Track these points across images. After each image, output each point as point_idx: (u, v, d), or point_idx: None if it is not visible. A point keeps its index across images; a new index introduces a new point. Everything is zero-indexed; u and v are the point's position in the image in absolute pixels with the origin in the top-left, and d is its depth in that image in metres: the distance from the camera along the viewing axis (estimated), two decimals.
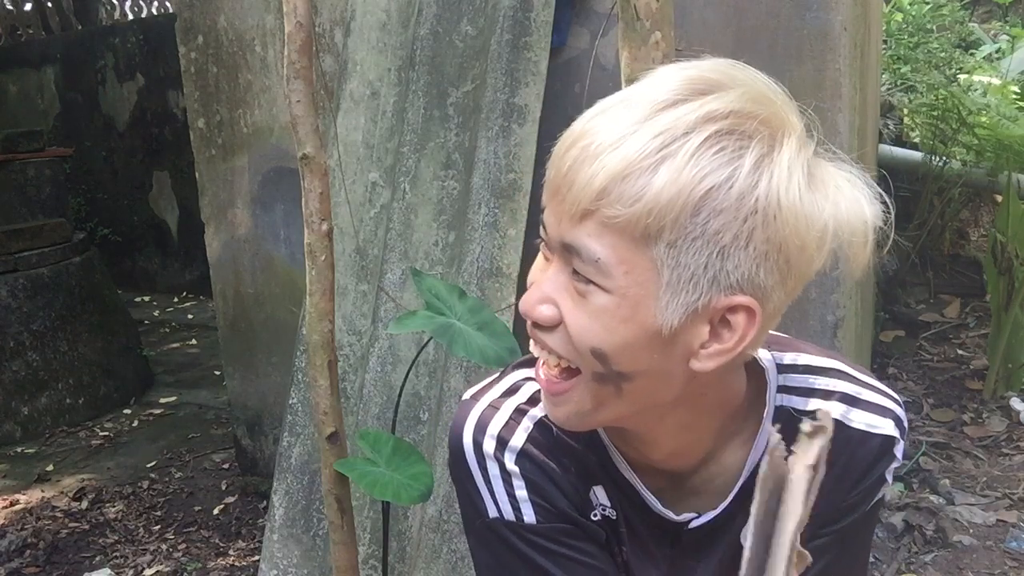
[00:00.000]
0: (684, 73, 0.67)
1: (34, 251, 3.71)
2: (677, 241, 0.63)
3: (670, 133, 0.63)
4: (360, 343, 2.07)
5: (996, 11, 5.24)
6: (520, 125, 1.92)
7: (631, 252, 0.65)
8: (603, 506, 0.83)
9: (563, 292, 0.69)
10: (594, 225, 0.65)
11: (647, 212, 0.62)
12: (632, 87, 0.69)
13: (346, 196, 2.05)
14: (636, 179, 0.63)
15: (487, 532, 0.82)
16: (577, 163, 0.65)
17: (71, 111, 6.08)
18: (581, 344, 0.68)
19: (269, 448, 2.72)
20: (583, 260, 0.66)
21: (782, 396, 0.80)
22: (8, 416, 3.49)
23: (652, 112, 0.64)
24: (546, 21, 1.92)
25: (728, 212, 0.63)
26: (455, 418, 0.85)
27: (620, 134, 0.64)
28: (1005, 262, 2.87)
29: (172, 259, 5.92)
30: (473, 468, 0.82)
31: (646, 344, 0.67)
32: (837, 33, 1.78)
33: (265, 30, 2.47)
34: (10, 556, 2.59)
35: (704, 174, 0.62)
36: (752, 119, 0.64)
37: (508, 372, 0.86)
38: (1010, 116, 3.34)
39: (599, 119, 0.66)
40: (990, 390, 2.99)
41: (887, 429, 0.80)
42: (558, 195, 0.67)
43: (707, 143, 0.63)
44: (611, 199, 0.63)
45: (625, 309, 0.66)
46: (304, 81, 1.33)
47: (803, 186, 0.65)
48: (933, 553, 2.24)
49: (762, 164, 0.64)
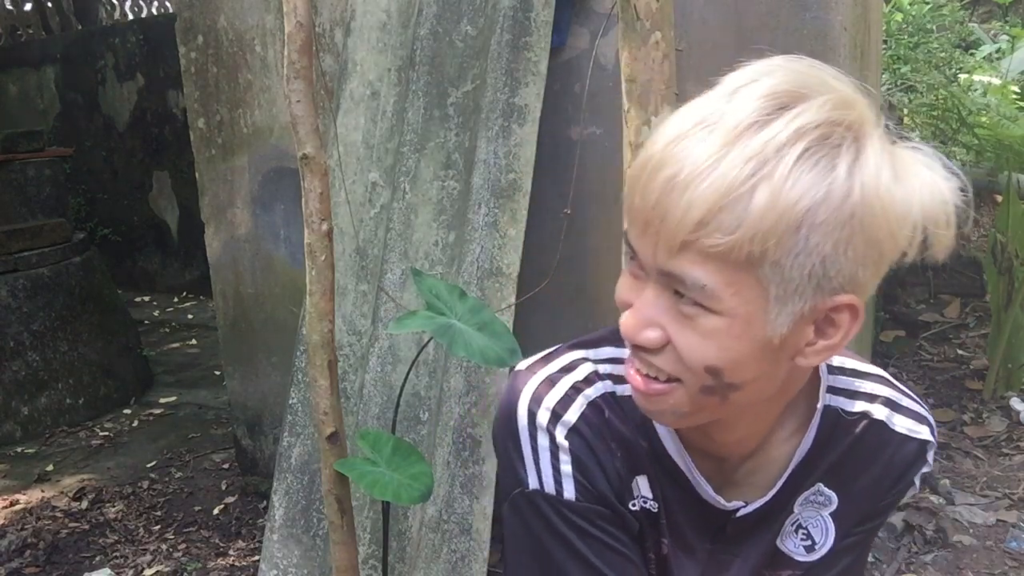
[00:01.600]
0: (760, 88, 0.66)
1: (34, 251, 3.71)
2: (781, 259, 0.64)
3: (762, 156, 0.63)
4: (360, 343, 2.07)
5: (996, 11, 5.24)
6: (520, 125, 1.92)
7: (736, 275, 0.65)
8: (644, 498, 0.84)
9: (667, 315, 0.69)
10: (695, 254, 0.64)
11: (749, 238, 0.62)
12: (703, 104, 0.67)
13: (346, 196, 2.05)
14: (734, 207, 0.62)
15: (523, 502, 0.82)
16: (666, 194, 0.64)
17: (71, 111, 6.08)
18: (694, 363, 0.69)
19: (269, 448, 2.72)
20: (688, 287, 0.66)
21: (830, 396, 0.83)
22: (8, 416, 3.49)
23: (738, 134, 0.63)
24: (546, 21, 1.92)
25: (827, 223, 0.63)
26: (509, 387, 0.85)
27: (709, 160, 0.63)
28: (1005, 262, 2.87)
29: (172, 259, 5.92)
30: (523, 437, 0.82)
31: (759, 355, 0.69)
32: (837, 33, 1.78)
33: (265, 30, 2.47)
34: (10, 556, 2.59)
35: (802, 192, 0.62)
36: (837, 126, 0.65)
37: (564, 351, 0.86)
38: (1010, 116, 3.34)
39: (681, 145, 0.65)
40: (990, 390, 2.99)
41: (924, 434, 0.85)
42: (650, 227, 0.66)
43: (800, 161, 0.63)
44: (710, 229, 0.63)
45: (737, 327, 0.67)
46: (304, 81, 1.33)
47: (891, 182, 0.65)
48: (933, 553, 2.24)
49: (853, 170, 0.64)
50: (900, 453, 0.84)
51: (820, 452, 0.82)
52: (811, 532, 0.85)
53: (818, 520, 0.85)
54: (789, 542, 0.86)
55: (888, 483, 0.85)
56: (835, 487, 0.84)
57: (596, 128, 2.01)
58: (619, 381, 0.84)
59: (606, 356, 0.86)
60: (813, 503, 0.85)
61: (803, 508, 0.85)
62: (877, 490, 0.85)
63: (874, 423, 0.83)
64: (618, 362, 0.85)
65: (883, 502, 0.86)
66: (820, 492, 0.84)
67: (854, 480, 0.84)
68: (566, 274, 2.05)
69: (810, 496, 0.84)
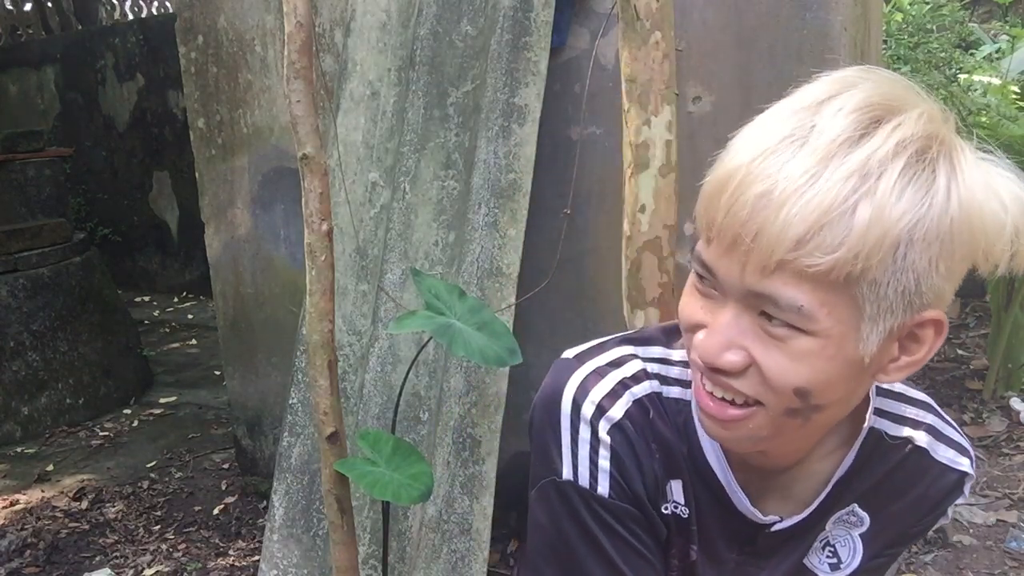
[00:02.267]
0: (851, 100, 0.64)
1: (34, 251, 3.71)
2: (878, 277, 0.62)
3: (864, 171, 0.61)
4: (360, 343, 2.07)
5: (996, 11, 5.24)
6: (520, 125, 1.92)
7: (832, 295, 0.63)
8: (676, 503, 0.83)
9: (750, 336, 0.67)
10: (790, 275, 0.62)
11: (852, 257, 0.60)
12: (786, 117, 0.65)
13: (346, 196, 2.05)
14: (835, 225, 0.60)
15: (554, 492, 0.81)
16: (760, 211, 0.62)
17: (71, 111, 6.08)
18: (782, 386, 0.67)
19: (269, 448, 2.72)
20: (781, 308, 0.64)
21: (876, 418, 0.82)
22: (8, 416, 3.49)
23: (835, 149, 0.61)
24: (546, 21, 1.92)
25: (926, 240, 0.62)
26: (554, 373, 0.83)
27: (806, 176, 0.61)
28: None
29: (172, 259, 5.92)
30: (564, 426, 0.80)
31: (848, 375, 0.67)
32: (837, 33, 1.78)
33: (265, 30, 2.47)
34: (10, 556, 2.59)
35: (905, 209, 0.61)
36: (933, 140, 0.63)
37: (612, 345, 0.85)
38: (1010, 116, 3.34)
39: (770, 160, 0.63)
40: (990, 390, 2.99)
41: (965, 466, 0.84)
42: (739, 244, 0.63)
43: (902, 177, 0.61)
44: (810, 248, 0.61)
45: (831, 348, 0.65)
46: (304, 81, 1.33)
47: (986, 196, 0.64)
48: (933, 553, 2.24)
49: (951, 185, 0.63)
50: (939, 482, 0.83)
51: (859, 473, 0.81)
52: (838, 550, 0.85)
53: (847, 539, 0.84)
54: (815, 557, 0.85)
55: (923, 511, 0.84)
56: (869, 509, 0.83)
57: (596, 128, 2.01)
58: (666, 382, 0.82)
59: (656, 355, 0.84)
60: (845, 522, 0.84)
61: (834, 526, 0.84)
62: (911, 516, 0.84)
63: (916, 449, 0.82)
64: (667, 363, 0.83)
65: (914, 528, 0.86)
66: (854, 512, 0.83)
67: (889, 504, 0.83)
68: (566, 274, 2.05)
69: (843, 515, 0.83)
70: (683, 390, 0.83)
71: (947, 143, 0.64)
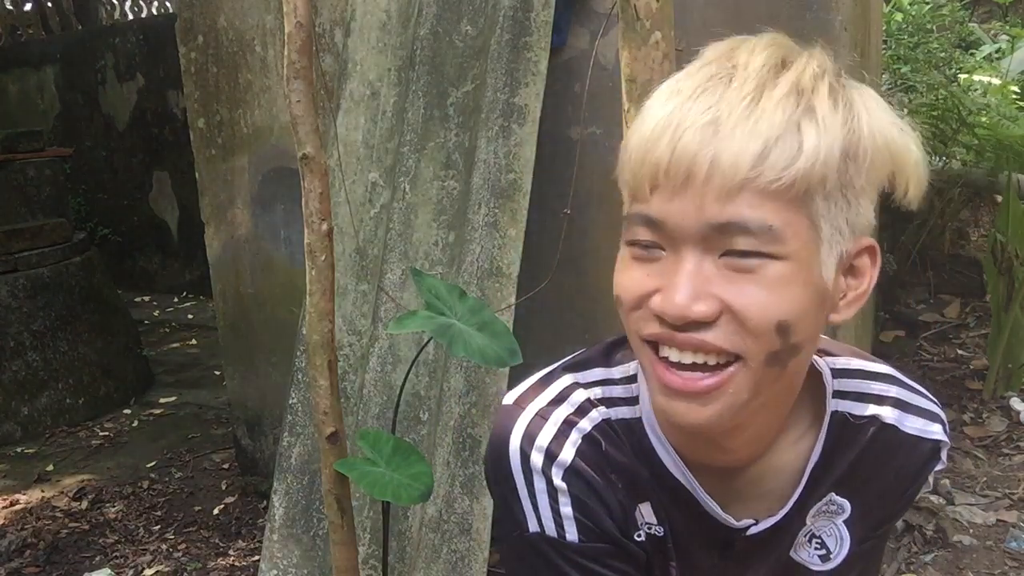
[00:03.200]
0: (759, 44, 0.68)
1: (34, 251, 3.71)
2: (830, 193, 0.64)
3: (798, 91, 0.64)
4: (360, 343, 2.07)
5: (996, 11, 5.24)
6: (520, 125, 1.92)
7: (793, 214, 0.63)
8: (649, 524, 0.81)
9: (717, 281, 0.64)
10: (752, 195, 0.62)
11: (809, 168, 0.62)
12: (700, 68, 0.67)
13: (346, 196, 2.05)
14: (787, 140, 0.62)
15: (525, 546, 0.79)
16: (709, 138, 0.62)
17: (71, 111, 6.08)
18: (764, 323, 0.64)
19: (269, 448, 2.72)
20: (751, 233, 0.63)
21: (837, 401, 0.79)
22: (8, 416, 3.49)
23: (765, 75, 0.65)
24: (546, 21, 1.92)
25: (859, 158, 0.65)
26: (498, 424, 0.81)
27: (747, 101, 0.63)
28: (1005, 262, 2.87)
29: (172, 259, 5.92)
30: (518, 480, 0.78)
31: (816, 306, 0.67)
32: (837, 33, 1.78)
33: (265, 30, 2.47)
34: (10, 556, 2.59)
35: (840, 124, 0.64)
36: (838, 72, 0.68)
37: (554, 377, 0.82)
38: (1010, 116, 3.34)
39: (704, 97, 0.64)
40: (990, 390, 2.99)
41: (936, 433, 0.82)
42: (691, 181, 0.62)
43: (831, 94, 0.65)
44: (770, 163, 0.62)
45: (803, 273, 0.65)
46: (304, 81, 1.33)
47: (890, 121, 0.68)
48: (933, 553, 2.24)
49: (866, 109, 0.67)
50: (913, 456, 0.81)
51: (829, 461, 0.79)
52: (825, 541, 0.82)
53: (832, 529, 0.82)
54: (803, 552, 0.83)
55: (902, 487, 0.82)
56: (847, 495, 0.81)
57: (596, 128, 2.01)
58: (612, 404, 0.80)
59: (596, 378, 0.81)
60: (826, 513, 0.82)
61: (816, 519, 0.82)
62: (891, 494, 0.82)
63: (884, 427, 0.80)
64: (609, 383, 0.81)
65: (898, 505, 0.84)
66: (832, 502, 0.81)
67: (867, 486, 0.81)
68: (566, 274, 2.05)
69: (822, 507, 0.81)
70: (631, 408, 0.80)
71: (849, 79, 0.69)
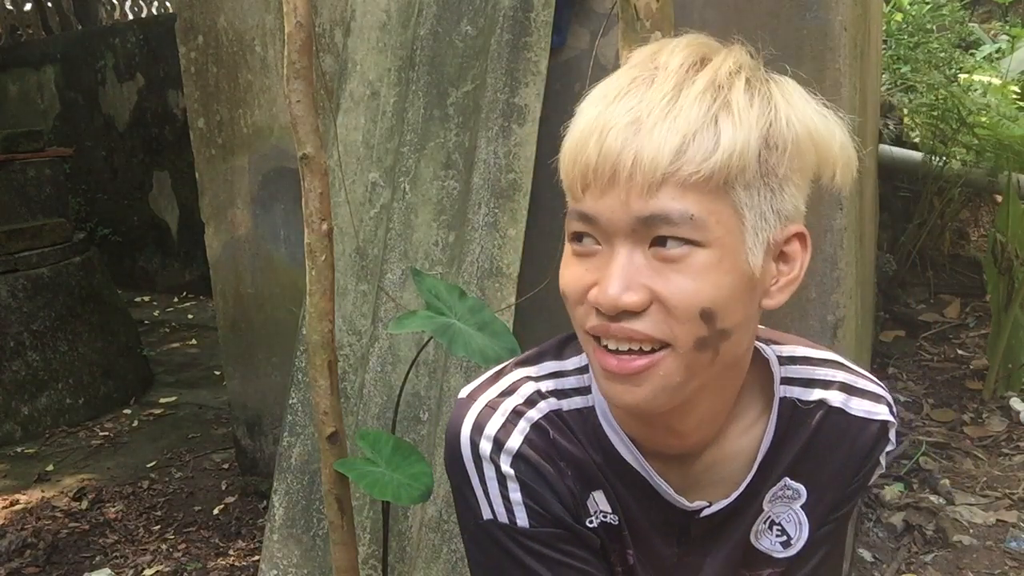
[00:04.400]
0: (679, 44, 0.71)
1: (34, 251, 3.70)
2: (751, 182, 0.67)
3: (714, 87, 0.67)
4: (360, 343, 2.07)
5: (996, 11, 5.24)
6: (520, 125, 1.92)
7: (715, 203, 0.67)
8: (603, 512, 0.83)
9: (646, 272, 0.68)
10: (674, 188, 0.66)
11: (727, 159, 0.65)
12: (624, 74, 0.71)
13: (346, 196, 2.05)
14: (705, 133, 0.65)
15: (481, 533, 0.82)
16: (631, 137, 0.66)
17: (71, 111, 6.08)
18: (688, 310, 0.67)
19: (269, 448, 2.72)
20: (674, 223, 0.66)
21: (785, 387, 0.82)
22: (8, 416, 3.49)
23: (683, 74, 0.68)
24: (546, 21, 1.92)
25: (779, 148, 0.68)
26: (452, 417, 0.84)
27: (666, 100, 0.66)
28: (1005, 262, 2.87)
29: (172, 259, 5.92)
30: (469, 469, 0.81)
31: (744, 292, 0.70)
32: (837, 33, 1.78)
33: (265, 30, 2.47)
34: (10, 556, 2.59)
35: (757, 116, 0.67)
36: (757, 67, 0.72)
37: (507, 371, 0.85)
38: (1010, 116, 3.34)
39: (626, 99, 0.68)
40: (990, 390, 2.99)
41: (883, 414, 0.84)
42: (618, 177, 0.67)
43: (748, 88, 0.68)
44: (688, 156, 0.65)
45: (727, 260, 0.68)
46: (304, 81, 1.33)
47: (811, 112, 0.71)
48: (933, 553, 2.24)
49: (786, 100, 0.70)
50: (862, 437, 0.83)
51: (781, 445, 0.82)
52: (785, 528, 0.84)
53: (790, 515, 0.84)
54: (765, 540, 0.85)
55: (853, 468, 0.84)
56: (801, 479, 0.83)
57: None
58: (564, 395, 0.82)
59: (549, 371, 0.84)
60: (782, 498, 0.84)
61: (773, 504, 0.84)
62: (844, 477, 0.84)
63: (831, 410, 0.82)
64: (561, 375, 0.83)
65: (851, 487, 0.85)
66: (787, 486, 0.83)
67: (819, 470, 0.83)
68: None
69: (778, 492, 0.83)
70: (583, 398, 0.83)
71: (770, 73, 0.73)
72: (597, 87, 0.72)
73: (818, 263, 1.85)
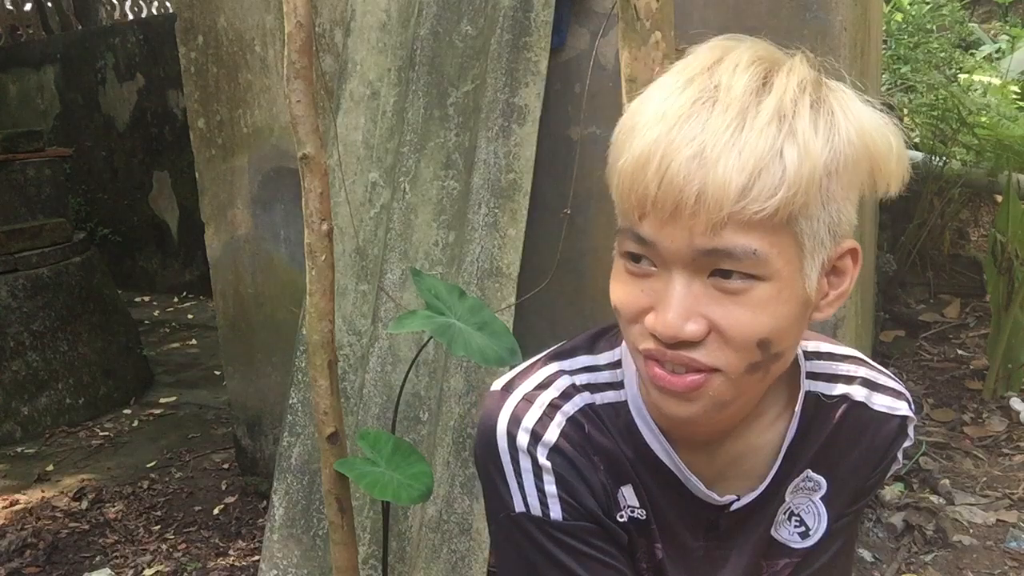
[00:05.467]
0: (741, 58, 0.67)
1: (34, 251, 3.70)
2: (813, 212, 0.66)
3: (779, 115, 0.64)
4: (360, 343, 2.07)
5: (996, 11, 5.24)
6: (520, 125, 1.92)
7: (778, 235, 0.66)
8: (631, 507, 0.83)
9: (705, 301, 0.67)
10: (738, 225, 0.64)
11: (792, 196, 0.64)
12: (681, 87, 0.67)
13: (346, 196, 2.05)
14: (770, 169, 0.63)
15: (512, 526, 0.82)
16: (695, 171, 0.63)
17: (71, 111, 6.08)
18: (747, 341, 0.68)
19: (269, 448, 2.72)
20: (737, 258, 0.65)
21: (809, 382, 0.83)
22: (8, 416, 3.49)
23: (748, 100, 0.65)
24: (546, 21, 1.92)
25: (841, 169, 0.66)
26: (486, 408, 0.84)
27: (730, 130, 0.64)
28: (1005, 262, 2.87)
29: (172, 259, 5.92)
30: (504, 460, 0.81)
31: (799, 316, 0.70)
32: (837, 33, 1.78)
33: (265, 30, 2.47)
34: (10, 556, 2.59)
35: (823, 141, 0.65)
36: (819, 79, 0.69)
37: (541, 364, 0.85)
38: (1010, 116, 3.34)
39: (690, 124, 0.65)
40: (990, 390, 2.99)
41: (903, 410, 0.86)
42: (679, 212, 0.65)
43: (812, 114, 0.66)
44: (754, 195, 0.63)
45: (786, 290, 0.67)
46: (304, 81, 1.33)
47: (872, 122, 0.69)
48: (933, 553, 2.24)
49: (847, 117, 0.67)
50: (882, 432, 0.85)
51: (805, 438, 0.83)
52: (804, 519, 0.86)
53: (810, 506, 0.85)
54: (784, 530, 0.86)
55: (873, 461, 0.86)
56: (823, 471, 0.84)
57: (596, 128, 2.01)
58: (597, 390, 0.83)
59: (581, 366, 0.84)
60: (803, 489, 0.85)
61: (794, 496, 0.85)
62: (864, 469, 0.86)
63: (854, 404, 0.84)
64: (594, 370, 0.84)
65: (870, 481, 0.87)
66: (809, 478, 0.84)
67: (840, 462, 0.84)
68: (566, 274, 2.05)
69: (800, 483, 0.84)
70: (616, 392, 0.83)
71: (828, 82, 0.70)
72: (651, 98, 0.69)
73: None
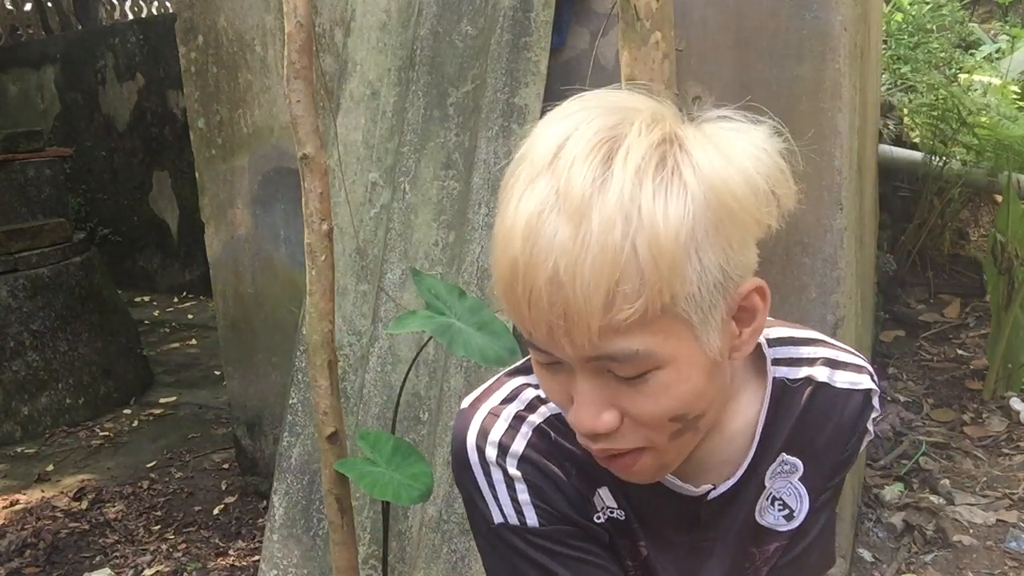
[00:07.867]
0: (579, 146, 0.64)
1: (34, 251, 3.71)
2: (687, 287, 0.63)
3: (623, 212, 0.61)
4: (360, 343, 2.07)
5: (996, 11, 5.24)
6: (520, 125, 1.92)
7: (659, 324, 0.64)
8: (609, 508, 0.85)
9: (612, 392, 0.69)
10: (614, 331, 0.63)
11: (657, 291, 0.62)
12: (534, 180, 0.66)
13: (346, 196, 2.05)
14: (627, 272, 0.61)
15: (494, 538, 0.84)
16: (555, 293, 0.62)
17: (71, 111, 6.08)
18: (659, 421, 0.70)
19: (269, 448, 2.72)
20: (621, 361, 0.65)
21: (775, 368, 0.85)
22: (8, 416, 3.49)
23: (587, 203, 0.61)
24: (546, 21, 1.92)
25: (706, 236, 0.63)
26: (457, 426, 0.86)
27: (578, 243, 0.61)
28: (1005, 262, 2.88)
29: (172, 259, 5.92)
30: (477, 475, 0.83)
31: (710, 378, 0.70)
32: (837, 33, 1.78)
33: (265, 30, 2.47)
34: (10, 556, 2.59)
35: (677, 224, 0.62)
36: (664, 143, 0.64)
37: (505, 379, 0.87)
38: (1010, 116, 3.34)
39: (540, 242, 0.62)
40: (990, 390, 2.99)
41: (865, 383, 0.88)
42: (556, 329, 0.64)
43: (656, 196, 0.62)
44: (617, 306, 0.62)
45: (686, 368, 0.67)
46: (304, 81, 1.33)
47: (727, 168, 0.65)
48: (933, 553, 2.24)
49: (698, 178, 0.63)
50: (848, 407, 0.86)
51: (775, 423, 0.85)
52: (787, 501, 0.88)
53: (790, 488, 0.87)
54: (769, 516, 0.88)
55: (844, 437, 0.87)
56: (797, 453, 0.86)
57: None
58: None
59: None
60: (782, 473, 0.87)
61: (773, 480, 0.87)
62: (836, 446, 0.88)
63: (819, 385, 0.86)
64: None
65: (844, 455, 0.89)
66: (785, 461, 0.86)
67: (813, 442, 0.86)
68: None
69: (777, 468, 0.86)
70: None
71: (677, 137, 0.65)
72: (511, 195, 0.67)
73: (818, 263, 1.85)
